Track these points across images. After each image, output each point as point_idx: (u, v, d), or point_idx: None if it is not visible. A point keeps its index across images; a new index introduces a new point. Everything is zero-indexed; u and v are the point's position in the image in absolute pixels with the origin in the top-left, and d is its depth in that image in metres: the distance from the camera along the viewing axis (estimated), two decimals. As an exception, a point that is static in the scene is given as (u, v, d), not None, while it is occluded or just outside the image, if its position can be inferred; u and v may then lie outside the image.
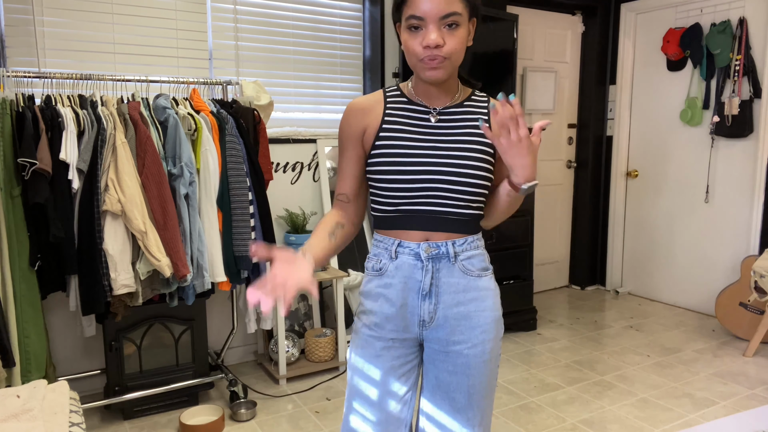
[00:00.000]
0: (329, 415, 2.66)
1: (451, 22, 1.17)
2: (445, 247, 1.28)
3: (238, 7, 3.14)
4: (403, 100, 1.32)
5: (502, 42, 3.64)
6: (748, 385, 2.95)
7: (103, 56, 2.81)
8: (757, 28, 3.67)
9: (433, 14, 1.15)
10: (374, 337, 1.34)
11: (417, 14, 1.16)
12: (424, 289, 1.29)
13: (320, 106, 3.46)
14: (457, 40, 1.18)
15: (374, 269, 1.34)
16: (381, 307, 1.32)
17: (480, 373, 1.32)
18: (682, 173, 4.19)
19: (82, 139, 2.26)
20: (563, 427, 2.55)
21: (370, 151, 1.29)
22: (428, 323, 1.31)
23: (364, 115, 1.31)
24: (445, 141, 1.27)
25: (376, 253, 1.35)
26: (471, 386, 1.31)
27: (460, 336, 1.30)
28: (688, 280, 4.22)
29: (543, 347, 3.50)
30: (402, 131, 1.28)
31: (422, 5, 1.16)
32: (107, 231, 2.23)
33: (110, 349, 2.54)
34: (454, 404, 1.32)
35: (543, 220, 4.60)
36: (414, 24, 1.18)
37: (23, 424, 1.59)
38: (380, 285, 1.32)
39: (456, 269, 1.29)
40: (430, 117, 1.29)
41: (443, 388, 1.33)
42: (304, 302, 3.31)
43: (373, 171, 1.29)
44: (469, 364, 1.30)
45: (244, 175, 2.56)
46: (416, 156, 1.25)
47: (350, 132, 1.32)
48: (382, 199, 1.30)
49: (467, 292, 1.30)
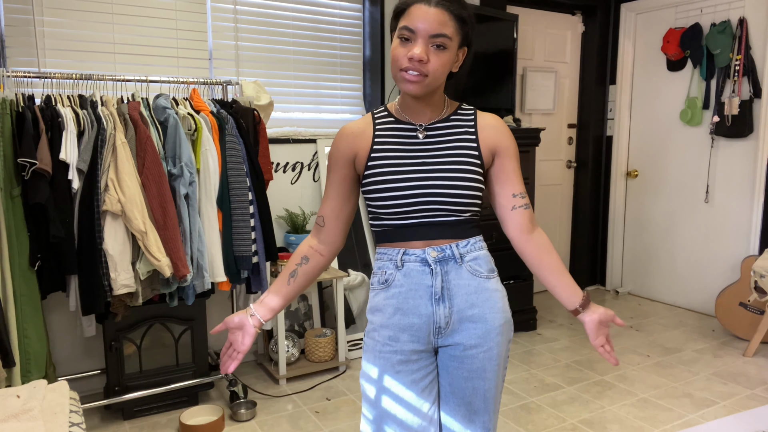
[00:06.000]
0: (329, 415, 2.66)
1: (440, 42, 1.21)
2: (450, 249, 1.30)
3: (238, 7, 3.14)
4: (391, 120, 1.35)
5: (502, 42, 3.64)
6: (748, 385, 2.95)
7: (103, 56, 2.81)
8: (757, 28, 3.67)
9: (424, 30, 1.20)
10: (391, 351, 1.31)
11: (410, 27, 1.21)
12: (436, 293, 1.29)
13: (320, 106, 3.46)
14: (441, 61, 1.23)
15: (380, 282, 1.34)
16: (393, 318, 1.31)
17: (494, 377, 1.32)
18: (682, 173, 4.20)
19: (82, 139, 2.26)
20: (563, 427, 2.55)
21: (364, 172, 1.32)
22: (444, 329, 1.31)
23: (355, 139, 1.34)
24: (433, 156, 1.30)
25: (380, 266, 1.35)
26: (487, 390, 1.32)
27: (477, 340, 1.30)
28: (688, 280, 4.22)
29: (543, 347, 3.50)
30: (392, 150, 1.32)
31: (416, 20, 1.20)
32: (107, 231, 2.23)
33: (110, 349, 2.54)
34: (470, 408, 1.32)
35: (543, 220, 4.60)
36: (405, 35, 1.22)
37: (23, 424, 1.59)
38: (389, 296, 1.32)
39: (464, 271, 1.31)
40: (417, 134, 1.33)
41: (459, 395, 1.32)
42: (304, 302, 3.31)
43: (368, 191, 1.31)
44: (485, 368, 1.31)
45: (244, 175, 2.56)
46: (408, 173, 1.29)
47: (339, 155, 1.35)
48: (381, 216, 1.32)
49: (479, 294, 1.31)
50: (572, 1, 4.32)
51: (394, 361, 1.30)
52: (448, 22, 1.21)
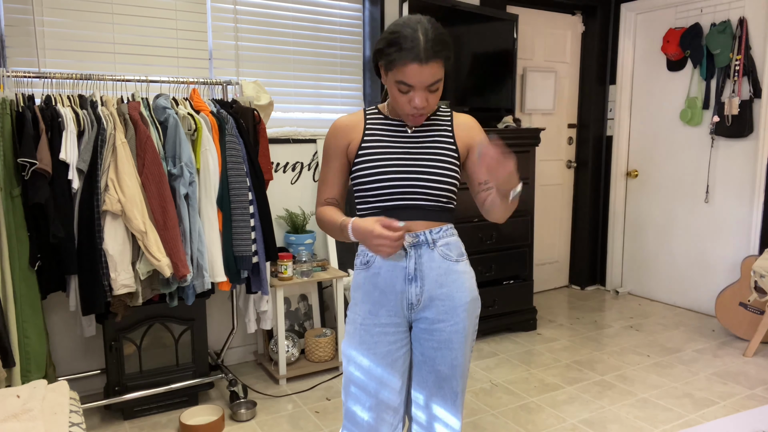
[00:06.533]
0: (329, 415, 2.66)
1: (435, 88, 1.39)
2: (424, 235, 1.47)
3: (238, 7, 3.14)
4: (381, 117, 1.53)
5: (502, 42, 3.64)
6: (748, 385, 2.95)
7: (103, 56, 2.81)
8: (757, 28, 3.67)
9: (421, 84, 1.36)
10: (370, 324, 1.49)
11: (407, 83, 1.36)
12: (409, 273, 1.47)
13: (320, 106, 3.46)
14: (437, 96, 1.42)
15: (362, 263, 1.52)
16: (372, 295, 1.49)
17: (461, 347, 1.51)
18: (682, 173, 4.20)
19: (82, 139, 2.26)
20: (563, 427, 2.55)
21: (354, 160, 1.50)
22: (416, 306, 1.49)
23: (349, 131, 1.52)
24: (419, 147, 1.48)
25: (362, 249, 1.53)
26: (454, 359, 1.50)
27: (444, 315, 1.48)
28: (688, 280, 4.22)
29: (543, 347, 3.51)
30: (382, 140, 1.49)
31: (412, 78, 1.35)
32: (107, 231, 2.23)
33: (110, 349, 2.54)
34: (439, 376, 1.51)
35: (543, 220, 4.60)
36: (403, 89, 1.38)
37: (23, 424, 1.59)
38: (369, 276, 1.50)
39: (436, 255, 1.48)
40: (406, 128, 1.51)
41: (429, 363, 1.51)
42: (304, 302, 3.31)
43: (358, 175, 1.48)
44: (452, 339, 1.49)
45: (244, 175, 2.56)
46: (396, 159, 1.46)
47: (336, 145, 1.52)
48: (368, 198, 1.49)
49: (448, 275, 1.48)
50: (572, 1, 4.32)
51: (374, 331, 1.49)
52: (440, 68, 1.36)
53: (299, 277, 3.00)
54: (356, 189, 1.51)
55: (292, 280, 2.94)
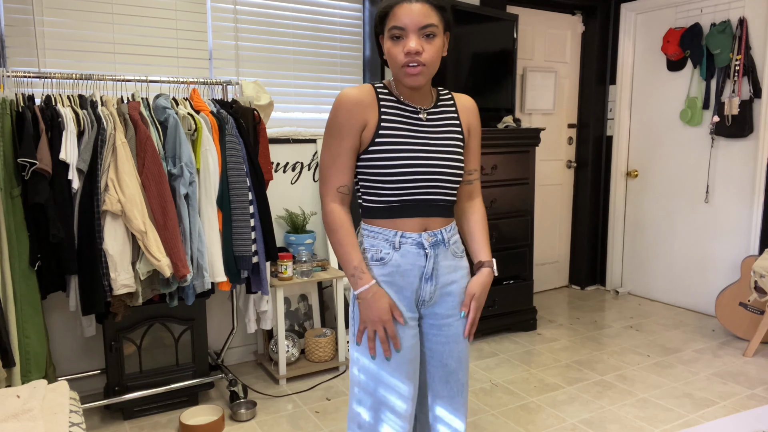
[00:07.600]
0: (329, 415, 2.66)
1: (429, 32, 1.33)
2: (441, 234, 1.47)
3: (238, 7, 3.14)
4: (393, 99, 1.45)
5: (502, 42, 3.64)
6: (748, 385, 2.95)
7: (103, 56, 2.81)
8: (757, 28, 3.67)
9: (413, 25, 1.32)
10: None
11: (399, 25, 1.32)
12: (427, 273, 1.46)
13: (320, 106, 3.46)
14: (434, 48, 1.35)
15: (375, 259, 1.45)
16: (388, 291, 1.45)
17: (465, 340, 1.55)
18: (682, 173, 4.20)
19: (82, 139, 2.26)
20: (563, 427, 2.55)
21: (369, 146, 1.39)
22: (428, 302, 1.49)
23: (365, 109, 1.40)
24: (435, 137, 1.44)
25: (373, 244, 1.45)
26: (460, 351, 1.54)
27: (453, 310, 1.51)
28: (688, 280, 4.22)
29: (543, 347, 3.51)
30: (399, 128, 1.41)
31: (403, 17, 1.32)
32: (107, 231, 2.23)
33: (110, 349, 2.54)
34: (447, 369, 1.53)
35: (543, 220, 4.60)
36: (396, 34, 1.34)
37: (23, 424, 1.59)
38: (384, 273, 1.44)
39: (449, 253, 1.49)
40: (420, 115, 1.45)
41: (437, 357, 1.53)
42: (304, 302, 3.31)
43: (373, 165, 1.39)
44: (459, 333, 1.53)
45: (244, 175, 2.56)
46: (415, 151, 1.40)
47: (350, 123, 1.38)
48: (383, 191, 1.41)
49: (456, 272, 1.51)
50: (572, 1, 4.32)
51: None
52: (432, 13, 1.33)
53: (299, 277, 3.00)
54: (366, 179, 1.42)
55: (292, 280, 2.94)
